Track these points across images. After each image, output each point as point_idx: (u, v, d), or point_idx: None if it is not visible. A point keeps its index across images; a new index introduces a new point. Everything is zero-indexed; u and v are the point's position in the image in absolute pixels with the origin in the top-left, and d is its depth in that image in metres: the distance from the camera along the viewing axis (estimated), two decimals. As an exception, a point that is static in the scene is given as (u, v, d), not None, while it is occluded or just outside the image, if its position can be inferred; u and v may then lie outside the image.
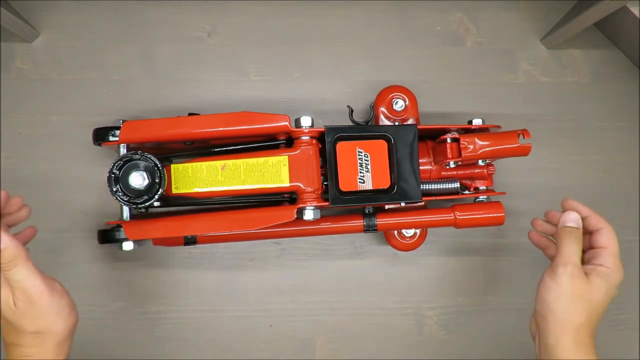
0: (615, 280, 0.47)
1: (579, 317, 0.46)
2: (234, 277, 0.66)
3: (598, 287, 0.46)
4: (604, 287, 0.46)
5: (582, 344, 0.46)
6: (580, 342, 0.46)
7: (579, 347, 0.45)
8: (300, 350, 0.65)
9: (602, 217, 0.50)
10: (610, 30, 0.70)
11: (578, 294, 0.46)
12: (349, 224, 0.60)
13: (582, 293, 0.46)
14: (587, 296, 0.46)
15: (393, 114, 0.61)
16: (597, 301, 0.46)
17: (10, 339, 0.45)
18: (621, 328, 0.67)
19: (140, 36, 0.68)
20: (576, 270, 0.46)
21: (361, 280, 0.66)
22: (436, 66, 0.70)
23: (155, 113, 0.66)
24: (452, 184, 0.58)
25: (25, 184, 0.65)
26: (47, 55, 0.67)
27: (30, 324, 0.44)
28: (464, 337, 0.66)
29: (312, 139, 0.55)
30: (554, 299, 0.46)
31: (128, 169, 0.50)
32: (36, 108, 0.66)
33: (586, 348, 0.46)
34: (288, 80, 0.68)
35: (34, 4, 0.67)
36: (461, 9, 0.71)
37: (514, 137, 0.56)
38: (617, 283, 0.48)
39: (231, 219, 0.54)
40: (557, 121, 0.70)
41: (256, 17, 0.69)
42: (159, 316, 0.64)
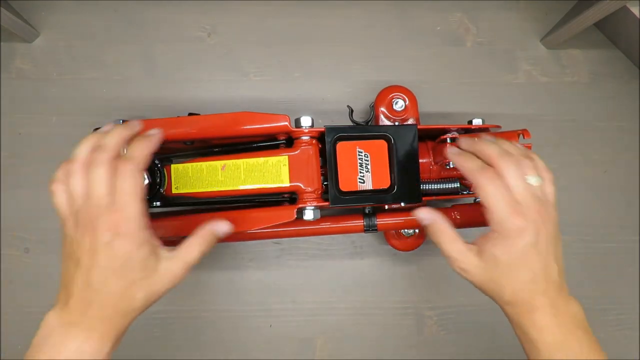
0: (511, 234, 0.41)
1: (500, 297, 0.43)
2: (234, 277, 0.66)
3: (495, 261, 0.42)
4: (501, 255, 0.41)
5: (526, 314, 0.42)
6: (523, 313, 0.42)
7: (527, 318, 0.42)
8: (300, 350, 0.65)
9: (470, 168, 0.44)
10: (610, 30, 0.70)
11: (482, 281, 0.43)
12: (349, 224, 0.60)
13: (484, 278, 0.43)
14: (492, 278, 0.42)
15: (393, 114, 0.61)
16: (505, 274, 0.42)
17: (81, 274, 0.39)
18: (621, 328, 0.67)
19: (140, 36, 0.68)
20: (461, 264, 0.44)
21: (361, 280, 0.66)
22: (436, 66, 0.70)
23: (155, 113, 0.66)
24: (452, 184, 0.58)
25: (25, 184, 0.65)
26: (47, 55, 0.67)
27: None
28: (464, 337, 0.66)
29: (312, 139, 0.55)
30: (480, 289, 0.45)
31: (128, 169, 0.50)
32: (36, 108, 0.66)
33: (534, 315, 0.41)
34: (288, 80, 0.69)
35: (34, 4, 0.67)
36: (461, 9, 0.71)
37: (513, 137, 0.56)
38: (519, 232, 0.41)
39: (231, 219, 0.54)
40: (557, 121, 0.70)
41: (256, 17, 0.69)
42: (159, 316, 0.64)
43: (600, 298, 0.68)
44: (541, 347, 0.41)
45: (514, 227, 0.41)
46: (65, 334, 0.39)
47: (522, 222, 0.41)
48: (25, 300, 0.63)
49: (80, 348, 0.38)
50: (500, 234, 0.41)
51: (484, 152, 0.44)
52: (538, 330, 0.41)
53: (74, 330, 0.39)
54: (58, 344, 0.38)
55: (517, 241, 0.41)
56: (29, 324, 0.64)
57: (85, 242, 0.39)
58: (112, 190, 0.39)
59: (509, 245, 0.41)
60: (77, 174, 0.41)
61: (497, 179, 0.42)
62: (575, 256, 0.68)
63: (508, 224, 0.41)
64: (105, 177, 0.39)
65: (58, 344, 0.38)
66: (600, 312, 0.67)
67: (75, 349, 0.38)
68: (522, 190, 0.42)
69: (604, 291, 0.68)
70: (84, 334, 0.39)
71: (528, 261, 0.42)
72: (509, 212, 0.41)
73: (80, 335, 0.39)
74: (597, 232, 0.69)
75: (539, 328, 0.41)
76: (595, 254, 0.68)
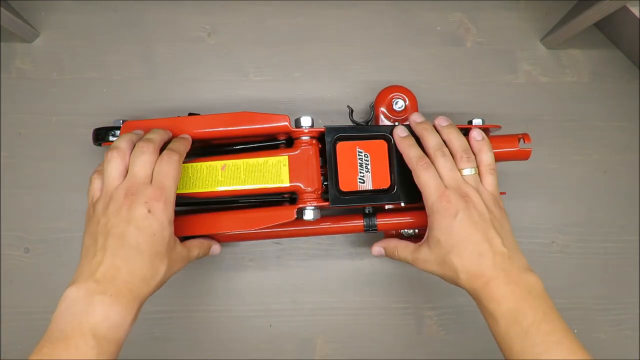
0: (442, 213, 0.46)
1: (455, 277, 0.46)
2: (234, 277, 0.66)
3: (437, 242, 0.46)
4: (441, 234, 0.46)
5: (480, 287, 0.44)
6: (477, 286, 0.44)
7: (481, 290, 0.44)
8: (300, 350, 0.65)
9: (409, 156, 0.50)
10: (610, 30, 0.70)
11: (437, 267, 0.48)
12: (349, 224, 0.60)
13: (436, 262, 0.47)
14: (442, 259, 0.46)
15: (393, 114, 0.61)
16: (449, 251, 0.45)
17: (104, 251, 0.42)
18: (621, 328, 0.67)
19: (140, 36, 0.68)
20: (416, 261, 0.50)
21: (361, 280, 0.66)
22: (436, 66, 0.70)
23: (156, 113, 0.66)
24: (452, 184, 0.58)
25: (25, 184, 0.65)
26: (47, 55, 0.67)
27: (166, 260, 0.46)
28: (464, 337, 0.66)
29: (312, 139, 0.55)
30: (444, 279, 0.49)
31: (128, 169, 0.50)
32: (36, 108, 0.66)
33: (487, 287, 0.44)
34: (288, 80, 0.69)
35: (34, 4, 0.67)
36: (461, 9, 0.71)
37: (514, 140, 0.56)
38: (448, 209, 0.46)
39: (231, 219, 0.54)
40: (557, 121, 0.70)
41: (256, 17, 0.69)
42: (159, 316, 0.64)
43: (600, 298, 0.68)
44: (499, 317, 0.43)
45: (442, 207, 0.46)
46: (90, 302, 0.39)
47: (448, 203, 0.46)
48: (25, 300, 0.63)
49: (106, 314, 0.39)
50: (434, 217, 0.46)
51: (424, 141, 0.50)
52: (494, 301, 0.43)
53: (99, 297, 0.39)
54: (82, 313, 0.39)
55: (448, 220, 0.45)
56: (29, 324, 0.64)
57: (121, 213, 0.42)
58: (154, 174, 0.45)
59: (443, 225, 0.46)
60: (114, 160, 0.45)
61: (430, 167, 0.48)
62: (575, 256, 0.68)
63: (437, 205, 0.46)
64: (150, 162, 0.45)
65: (82, 313, 0.39)
66: (600, 312, 0.67)
67: (101, 315, 0.39)
68: (449, 178, 0.47)
69: (604, 291, 0.68)
70: (110, 300, 0.39)
71: (466, 236, 0.45)
72: (437, 194, 0.46)
73: (106, 301, 0.39)
74: (597, 232, 0.69)
75: (495, 299, 0.43)
76: (595, 254, 0.68)
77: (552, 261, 0.68)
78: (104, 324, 0.39)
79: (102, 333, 0.38)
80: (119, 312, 0.40)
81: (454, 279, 0.47)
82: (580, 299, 0.67)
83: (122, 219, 0.42)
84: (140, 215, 0.42)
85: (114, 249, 0.42)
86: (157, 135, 0.48)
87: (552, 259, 0.68)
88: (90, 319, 0.38)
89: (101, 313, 0.39)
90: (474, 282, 0.45)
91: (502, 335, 0.43)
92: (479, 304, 0.46)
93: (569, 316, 0.66)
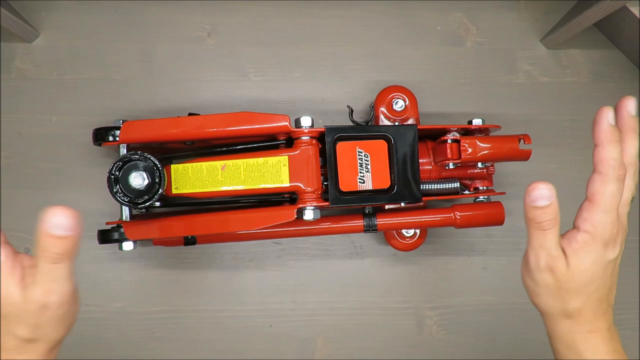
0: (604, 243, 0.37)
1: (562, 308, 0.39)
2: (234, 277, 0.66)
3: (579, 268, 0.38)
4: (587, 263, 0.38)
5: (584, 333, 0.39)
6: (581, 331, 0.39)
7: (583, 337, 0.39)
8: (300, 350, 0.65)
9: (609, 155, 0.38)
10: (610, 30, 0.70)
11: (557, 287, 0.39)
12: (349, 224, 0.60)
13: (562, 285, 0.38)
14: (565, 286, 0.38)
15: (393, 114, 0.61)
16: (580, 284, 0.38)
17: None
18: (621, 328, 0.67)
19: (140, 36, 0.68)
20: (553, 261, 0.38)
21: (361, 280, 0.66)
22: (436, 66, 0.70)
23: (155, 113, 0.66)
24: (452, 184, 0.58)
25: (25, 184, 0.65)
26: (47, 55, 0.67)
27: (26, 330, 0.35)
28: (464, 337, 0.66)
29: (312, 139, 0.55)
30: (533, 295, 0.41)
31: (128, 169, 0.50)
32: (36, 108, 0.66)
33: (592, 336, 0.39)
34: (288, 80, 0.68)
35: (34, 4, 0.67)
36: (461, 9, 0.71)
37: (514, 141, 0.56)
38: (611, 243, 0.38)
39: (231, 219, 0.54)
40: (557, 121, 0.70)
41: (256, 17, 0.69)
42: (159, 316, 0.64)
43: (600, 298, 0.68)
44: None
45: (611, 235, 0.38)
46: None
47: (617, 235, 0.38)
48: (25, 300, 0.63)
49: None
50: (594, 239, 0.38)
51: (626, 145, 0.39)
52: (593, 352, 0.40)
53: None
54: None
55: (606, 252, 0.38)
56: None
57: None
58: None
59: (600, 255, 0.38)
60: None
61: (622, 182, 0.38)
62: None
63: (607, 230, 0.37)
64: None
65: None
66: (600, 312, 0.67)
67: None
68: (625, 205, 0.39)
69: (604, 291, 0.68)
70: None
71: (606, 278, 0.39)
72: (612, 219, 0.37)
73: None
74: (597, 232, 0.68)
75: (595, 351, 0.40)
76: (595, 254, 0.68)
77: (552, 261, 0.68)
78: None
79: None
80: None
81: (555, 305, 0.40)
82: (580, 299, 0.67)
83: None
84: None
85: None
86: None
87: (552, 259, 0.68)
88: None
89: None
90: (579, 325, 0.40)
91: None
92: (568, 346, 0.41)
93: (569, 316, 0.66)
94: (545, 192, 0.38)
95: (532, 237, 0.39)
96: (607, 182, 0.37)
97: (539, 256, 0.39)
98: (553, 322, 0.41)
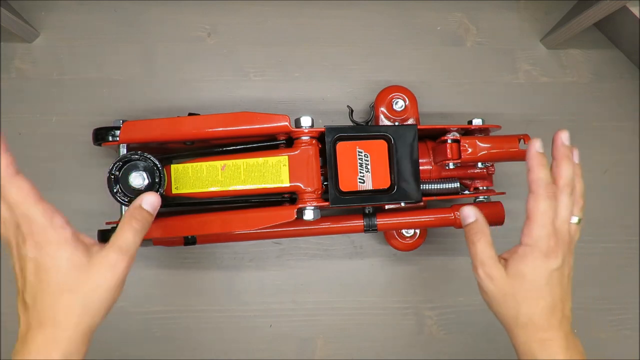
0: (543, 253, 0.41)
1: (515, 317, 0.42)
2: (234, 277, 0.66)
3: (517, 274, 0.42)
4: (525, 270, 0.42)
5: (539, 341, 0.42)
6: (536, 340, 0.42)
7: (539, 345, 0.42)
8: (300, 350, 0.65)
9: (537, 176, 0.43)
10: (610, 30, 0.70)
11: (502, 295, 0.42)
12: (349, 224, 0.60)
13: (506, 292, 0.42)
14: (509, 291, 0.42)
15: (393, 114, 0.61)
16: (522, 289, 0.42)
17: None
18: (621, 328, 0.67)
19: (140, 36, 0.68)
20: (489, 269, 0.42)
21: (361, 280, 0.66)
22: (436, 66, 0.70)
23: (155, 113, 0.66)
24: (452, 184, 0.58)
25: (25, 184, 0.65)
26: (47, 55, 0.67)
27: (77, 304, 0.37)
28: (464, 337, 0.66)
29: (312, 139, 0.55)
30: (490, 306, 0.44)
31: (128, 169, 0.50)
32: (36, 108, 0.66)
33: (548, 344, 0.41)
34: (288, 80, 0.69)
35: (34, 4, 0.67)
36: (461, 9, 0.71)
37: (514, 141, 0.56)
38: (550, 254, 0.41)
39: (231, 219, 0.54)
40: (557, 121, 0.70)
41: (256, 17, 0.69)
42: (159, 316, 0.64)
43: (601, 298, 0.68)
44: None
45: (547, 247, 0.42)
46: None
47: (555, 246, 0.42)
48: (25, 300, 0.63)
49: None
50: (532, 250, 0.42)
51: (559, 168, 0.44)
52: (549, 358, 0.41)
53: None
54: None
55: (547, 262, 0.42)
56: (29, 324, 0.63)
57: (15, 268, 0.39)
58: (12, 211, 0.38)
59: (539, 264, 0.42)
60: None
61: (554, 199, 0.43)
62: (576, 256, 0.68)
63: (543, 243, 0.42)
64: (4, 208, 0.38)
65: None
66: (600, 312, 0.67)
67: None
68: (563, 221, 0.43)
69: (604, 291, 0.68)
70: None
71: (552, 287, 0.42)
72: (548, 232, 0.42)
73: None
74: (597, 232, 0.68)
75: (552, 357, 0.41)
76: (595, 254, 0.68)
77: (552, 261, 0.68)
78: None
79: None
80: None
81: (508, 315, 0.43)
82: (580, 299, 0.67)
83: (17, 275, 0.39)
84: (24, 265, 0.38)
85: (21, 307, 0.39)
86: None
87: (552, 259, 0.68)
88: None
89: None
90: (532, 333, 0.42)
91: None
92: (526, 354, 0.43)
93: (569, 316, 0.66)
94: (471, 211, 0.45)
95: (470, 252, 0.44)
96: (538, 200, 0.42)
97: (476, 267, 0.43)
98: (512, 334, 0.44)
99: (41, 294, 0.37)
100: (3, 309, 0.63)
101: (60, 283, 0.37)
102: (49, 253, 0.37)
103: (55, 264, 0.37)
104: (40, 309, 0.38)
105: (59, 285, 0.37)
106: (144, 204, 0.44)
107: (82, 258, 0.38)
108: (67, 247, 0.38)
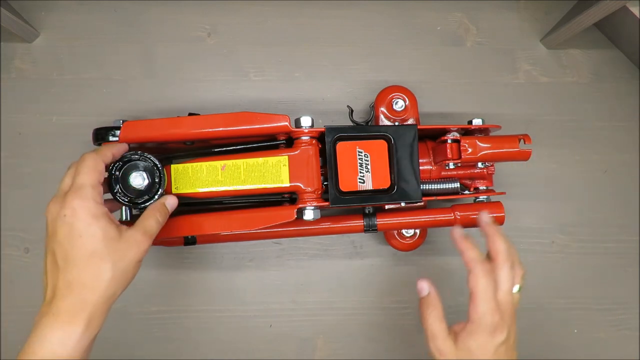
0: (489, 331, 0.44)
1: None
2: (234, 277, 0.66)
3: (465, 351, 0.44)
4: (472, 347, 0.44)
5: None
6: None
7: None
8: (300, 350, 0.65)
9: (470, 257, 0.46)
10: (610, 30, 0.70)
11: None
12: (349, 224, 0.60)
13: (448, 357, 0.44)
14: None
15: (393, 114, 0.61)
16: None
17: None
18: (621, 328, 0.67)
19: (140, 36, 0.68)
20: (439, 343, 0.45)
21: (361, 280, 0.66)
22: (436, 66, 0.70)
23: (156, 113, 0.66)
24: (452, 184, 0.58)
25: (25, 184, 0.65)
26: (47, 55, 0.67)
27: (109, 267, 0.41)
28: (464, 337, 0.66)
29: (312, 139, 0.55)
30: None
31: (128, 169, 0.50)
32: (36, 108, 0.66)
33: None
34: (288, 80, 0.69)
35: (34, 4, 0.67)
36: (461, 9, 0.71)
37: (514, 141, 0.56)
38: (496, 330, 0.44)
39: (231, 219, 0.54)
40: (557, 121, 0.70)
41: (256, 17, 0.69)
42: (159, 316, 0.64)
43: (600, 298, 0.68)
44: None
45: (492, 323, 0.44)
46: (38, 327, 0.39)
47: (500, 320, 0.44)
48: (25, 300, 0.63)
49: (47, 336, 0.39)
50: (479, 327, 0.44)
51: (494, 244, 0.46)
52: None
53: (44, 320, 0.39)
54: (36, 341, 0.39)
55: (492, 338, 0.44)
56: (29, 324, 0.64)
57: (49, 232, 0.42)
58: (73, 179, 0.44)
59: (485, 341, 0.44)
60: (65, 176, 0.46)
61: (491, 274, 0.45)
62: (575, 256, 0.68)
63: (488, 319, 0.44)
64: (70, 172, 0.45)
65: (36, 341, 0.39)
66: (600, 312, 0.67)
67: (46, 338, 0.39)
68: (506, 293, 0.45)
69: (604, 291, 0.68)
70: (52, 320, 0.39)
71: (497, 357, 0.44)
72: (492, 307, 0.44)
73: (49, 323, 0.39)
74: (597, 232, 0.69)
75: None
76: (595, 254, 0.68)
77: (552, 261, 0.68)
78: (49, 347, 0.39)
79: (50, 356, 0.38)
80: (63, 330, 0.39)
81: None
82: (580, 299, 0.67)
83: (50, 236, 0.42)
84: (60, 224, 0.41)
85: (50, 267, 0.42)
86: (106, 148, 0.48)
87: (552, 259, 0.68)
88: (39, 345, 0.39)
89: (46, 336, 0.39)
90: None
91: None
92: None
93: (568, 316, 0.67)
94: (425, 285, 0.48)
95: (422, 325, 0.47)
96: (477, 278, 0.44)
97: (428, 340, 0.46)
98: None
99: (73, 257, 0.40)
100: (3, 309, 0.63)
101: (94, 250, 0.41)
102: (87, 220, 0.41)
103: (91, 232, 0.41)
104: (70, 271, 0.40)
105: (92, 251, 0.41)
106: (167, 203, 0.50)
107: (114, 232, 0.42)
108: (103, 220, 0.42)
